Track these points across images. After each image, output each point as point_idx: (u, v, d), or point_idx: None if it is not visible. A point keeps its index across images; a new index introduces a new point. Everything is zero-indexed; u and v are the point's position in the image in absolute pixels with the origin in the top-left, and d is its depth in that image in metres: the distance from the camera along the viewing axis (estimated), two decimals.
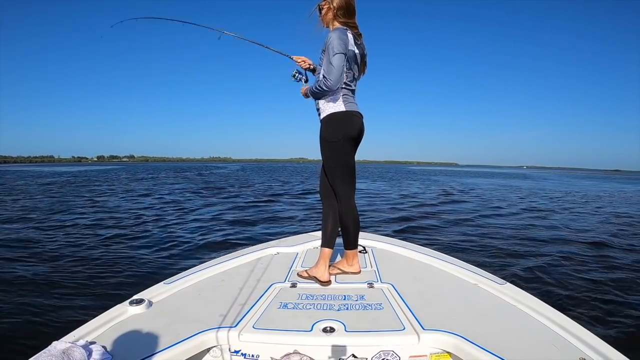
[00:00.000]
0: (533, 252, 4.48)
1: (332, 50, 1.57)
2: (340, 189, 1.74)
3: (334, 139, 1.69)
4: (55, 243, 4.60)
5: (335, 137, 1.69)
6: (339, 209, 1.77)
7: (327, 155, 1.73)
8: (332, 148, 1.71)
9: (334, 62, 1.56)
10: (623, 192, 16.87)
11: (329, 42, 1.59)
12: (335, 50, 1.56)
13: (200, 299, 1.50)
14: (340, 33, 1.60)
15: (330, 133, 1.69)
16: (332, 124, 1.69)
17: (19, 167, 70.85)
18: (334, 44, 1.57)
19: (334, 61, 1.56)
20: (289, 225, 6.31)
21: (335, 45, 1.56)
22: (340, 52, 1.57)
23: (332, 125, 1.69)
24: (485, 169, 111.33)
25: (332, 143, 1.70)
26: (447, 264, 1.90)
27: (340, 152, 1.71)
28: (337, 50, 1.56)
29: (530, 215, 8.07)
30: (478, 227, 6.27)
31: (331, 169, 1.74)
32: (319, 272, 1.70)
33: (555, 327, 1.23)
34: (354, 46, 1.67)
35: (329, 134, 1.70)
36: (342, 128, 1.69)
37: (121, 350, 1.08)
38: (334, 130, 1.69)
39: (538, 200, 11.65)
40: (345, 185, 1.75)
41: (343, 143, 1.70)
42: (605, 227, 6.61)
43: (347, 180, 1.75)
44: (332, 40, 1.58)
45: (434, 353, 1.19)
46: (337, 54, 1.56)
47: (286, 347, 1.19)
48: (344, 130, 1.69)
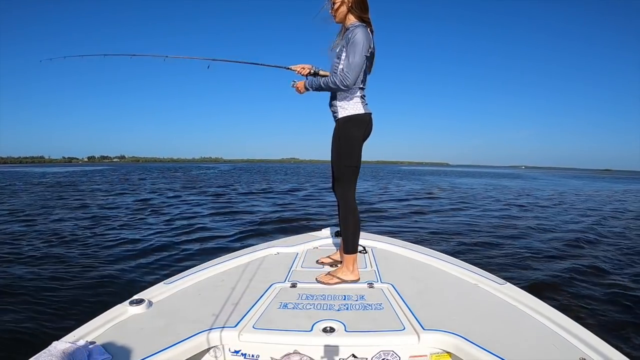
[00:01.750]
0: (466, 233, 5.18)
1: (357, 48, 1.55)
2: (348, 189, 1.75)
3: (354, 139, 1.70)
4: (55, 243, 4.60)
5: (355, 137, 1.70)
6: (342, 208, 1.77)
7: (344, 154, 1.72)
8: (352, 148, 1.71)
9: (357, 60, 1.56)
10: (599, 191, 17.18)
11: (355, 39, 1.56)
12: (361, 51, 1.55)
13: (200, 299, 1.50)
14: (365, 32, 1.58)
15: (352, 133, 1.70)
16: (351, 125, 1.70)
17: (8, 167, 70.69)
18: (361, 43, 1.55)
19: (357, 60, 1.56)
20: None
21: (361, 44, 1.55)
22: (365, 54, 1.57)
23: (351, 126, 1.70)
24: (477, 169, 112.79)
25: (352, 143, 1.71)
26: (447, 264, 1.90)
27: (356, 152, 1.72)
28: (363, 51, 1.56)
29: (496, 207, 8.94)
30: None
31: (347, 168, 1.74)
32: (352, 276, 1.71)
33: (555, 327, 1.23)
34: (373, 45, 1.66)
35: (350, 133, 1.70)
36: (360, 129, 1.71)
37: (121, 350, 1.08)
38: (353, 130, 1.70)
39: (512, 198, 12.20)
40: (352, 184, 1.77)
41: (359, 144, 1.72)
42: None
43: (354, 180, 1.77)
44: (358, 37, 1.55)
45: (434, 353, 1.20)
46: (361, 54, 1.56)
47: (286, 347, 1.19)
48: (362, 131, 1.72)
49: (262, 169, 53.44)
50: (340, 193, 1.79)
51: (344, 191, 1.76)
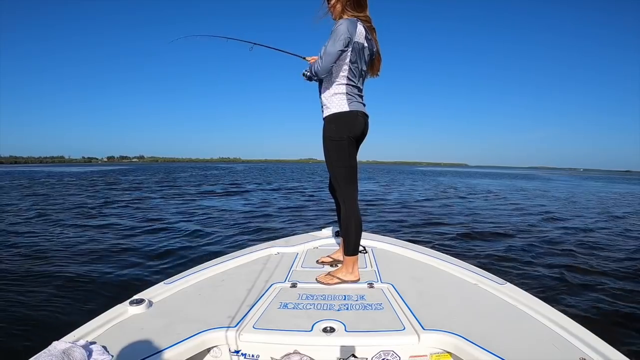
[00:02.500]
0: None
1: (334, 37, 1.54)
2: (345, 190, 1.72)
3: (338, 138, 1.65)
4: (54, 243, 4.60)
5: (339, 136, 1.65)
6: (343, 211, 1.75)
7: (332, 154, 1.69)
8: (337, 147, 1.67)
9: (330, 49, 1.54)
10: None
11: (336, 28, 1.56)
12: (337, 40, 1.53)
13: (200, 299, 1.50)
14: (349, 22, 1.57)
15: (335, 132, 1.66)
16: (335, 123, 1.66)
17: (28, 167, 70.94)
18: (339, 31, 1.54)
19: (331, 49, 1.54)
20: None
21: (339, 32, 1.54)
22: (341, 40, 1.53)
23: (335, 124, 1.66)
24: (495, 170, 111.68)
25: (337, 142, 1.66)
26: (447, 264, 1.90)
27: (345, 152, 1.67)
28: (339, 37, 1.53)
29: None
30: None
31: (337, 169, 1.70)
32: (352, 276, 1.71)
33: (555, 327, 1.23)
34: (364, 40, 1.63)
35: (333, 132, 1.66)
36: (346, 128, 1.65)
37: (121, 350, 1.08)
38: (337, 129, 1.65)
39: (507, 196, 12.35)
40: (349, 186, 1.72)
41: (348, 143, 1.67)
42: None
43: (351, 181, 1.72)
44: (338, 27, 1.55)
45: (434, 353, 1.19)
46: (337, 41, 1.53)
47: (286, 347, 1.19)
48: (348, 130, 1.66)
49: (297, 168, 53.37)
50: (338, 194, 1.77)
51: (341, 192, 1.73)
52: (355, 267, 1.74)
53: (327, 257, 2.03)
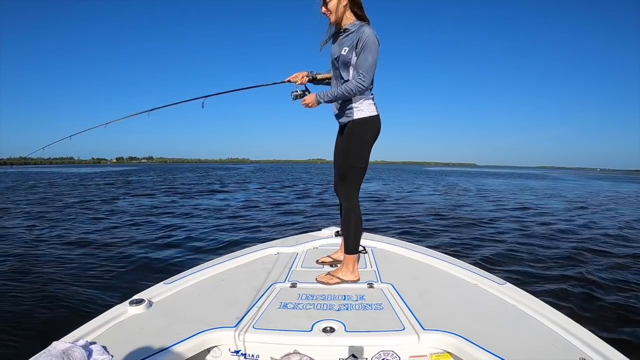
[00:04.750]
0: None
1: (370, 49, 1.56)
2: (350, 188, 1.76)
3: (368, 140, 1.72)
4: (54, 242, 4.60)
5: (370, 139, 1.73)
6: (344, 208, 1.78)
7: (356, 154, 1.72)
8: (364, 148, 1.73)
9: (371, 62, 1.57)
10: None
11: (367, 39, 1.56)
12: (374, 51, 1.56)
13: (200, 299, 1.50)
14: (370, 30, 1.58)
15: (367, 135, 1.72)
16: (367, 126, 1.71)
17: (37, 168, 70.85)
18: (373, 44, 1.56)
19: (371, 61, 1.57)
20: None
21: (374, 45, 1.56)
22: (375, 50, 1.57)
23: (366, 128, 1.71)
24: (504, 170, 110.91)
25: (367, 144, 1.73)
26: (447, 264, 1.90)
27: (368, 154, 1.75)
28: (376, 51, 1.57)
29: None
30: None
31: (356, 169, 1.74)
32: (352, 276, 1.71)
33: (555, 327, 1.23)
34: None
35: (364, 135, 1.71)
36: (374, 131, 1.73)
37: (121, 350, 1.08)
38: (368, 132, 1.72)
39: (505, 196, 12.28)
40: (357, 185, 1.78)
41: (370, 146, 1.75)
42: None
43: (360, 182, 1.79)
44: (370, 38, 1.56)
45: (434, 353, 1.20)
46: (374, 55, 1.57)
47: (286, 347, 1.19)
48: (375, 133, 1.74)
49: (312, 169, 53.32)
50: (343, 192, 1.79)
51: (347, 191, 1.76)
52: (356, 267, 1.75)
53: (327, 257, 2.03)
